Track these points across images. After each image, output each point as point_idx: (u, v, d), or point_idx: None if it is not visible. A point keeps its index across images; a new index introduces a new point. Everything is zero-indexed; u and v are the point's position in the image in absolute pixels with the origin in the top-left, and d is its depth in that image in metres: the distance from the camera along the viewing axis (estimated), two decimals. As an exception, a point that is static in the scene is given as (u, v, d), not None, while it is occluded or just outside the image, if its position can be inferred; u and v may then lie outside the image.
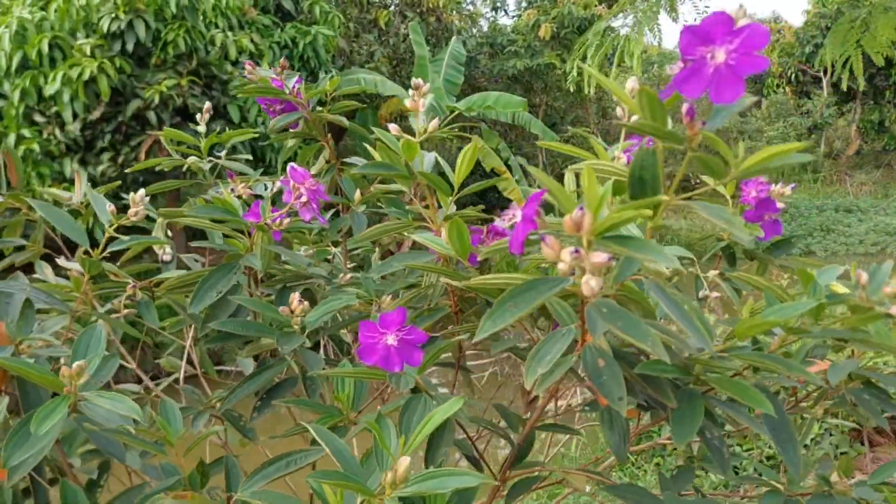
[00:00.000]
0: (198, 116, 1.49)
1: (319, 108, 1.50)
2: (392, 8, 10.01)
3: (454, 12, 10.69)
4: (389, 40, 10.09)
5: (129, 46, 6.52)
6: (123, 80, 6.55)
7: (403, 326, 0.84)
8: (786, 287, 0.99)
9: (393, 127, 1.15)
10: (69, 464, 0.99)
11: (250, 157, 1.65)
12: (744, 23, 0.70)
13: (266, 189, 1.39)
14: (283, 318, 1.04)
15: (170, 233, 1.42)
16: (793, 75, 15.96)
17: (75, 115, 6.49)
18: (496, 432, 1.09)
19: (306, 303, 1.05)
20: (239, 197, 1.31)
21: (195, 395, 1.26)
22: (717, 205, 0.80)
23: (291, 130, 1.49)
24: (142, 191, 1.06)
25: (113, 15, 6.45)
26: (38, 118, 6.70)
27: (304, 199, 1.05)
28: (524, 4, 12.15)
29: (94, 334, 0.90)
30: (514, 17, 12.18)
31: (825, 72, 15.00)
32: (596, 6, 11.02)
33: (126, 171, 2.01)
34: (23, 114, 6.65)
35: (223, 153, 1.53)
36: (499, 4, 12.58)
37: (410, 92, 1.15)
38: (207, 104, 1.50)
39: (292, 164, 1.07)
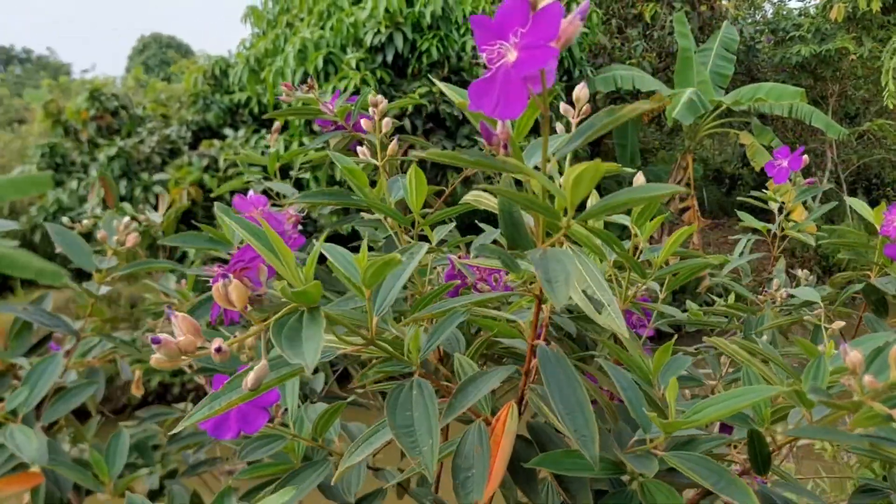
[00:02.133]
0: (267, 137, 1.53)
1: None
2: (659, 0, 9.52)
3: (730, -1, 9.87)
4: (654, 34, 9.61)
5: (389, 58, 7.02)
6: (384, 89, 7.07)
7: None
8: None
9: (360, 150, 1.07)
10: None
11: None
12: (544, 4, 0.53)
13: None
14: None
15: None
16: None
17: (343, 124, 7.15)
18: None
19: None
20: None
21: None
22: (565, 254, 0.62)
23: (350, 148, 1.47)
24: (126, 218, 1.11)
25: (376, 30, 6.99)
26: (316, 128, 7.51)
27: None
28: (819, -17, 10.80)
29: (50, 366, 0.95)
30: (803, -2, 10.88)
31: None
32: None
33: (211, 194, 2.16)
34: (303, 123, 7.49)
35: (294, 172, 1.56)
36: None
37: (371, 111, 1.07)
38: (277, 123, 1.54)
39: (240, 193, 1.05)
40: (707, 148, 12.93)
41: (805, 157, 1.47)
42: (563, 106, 0.81)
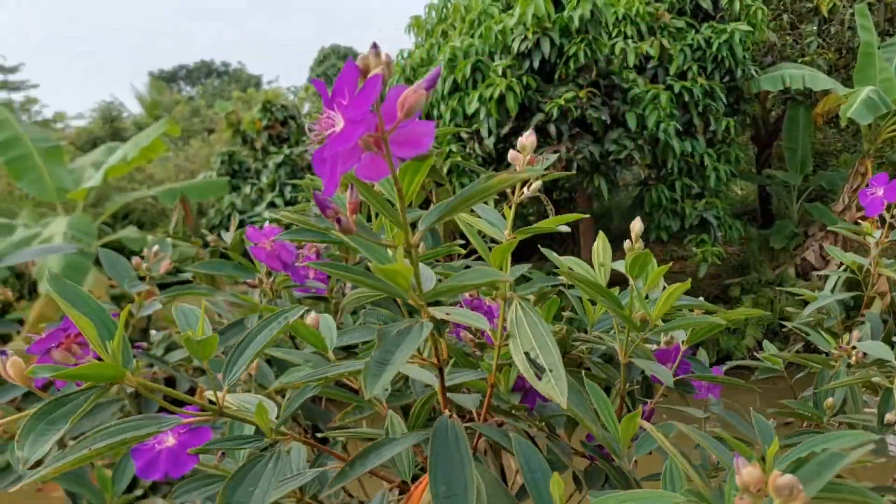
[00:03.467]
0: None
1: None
2: (839, -9, 8.73)
3: (926, -15, 8.82)
4: (831, 29, 8.83)
5: (535, 64, 6.99)
6: (530, 95, 7.05)
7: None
8: None
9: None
10: None
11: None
12: (375, 73, 0.52)
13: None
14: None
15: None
16: None
17: (490, 131, 7.21)
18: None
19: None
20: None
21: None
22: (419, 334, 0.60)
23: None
24: (156, 246, 1.19)
25: (523, 36, 6.98)
26: (463, 135, 7.64)
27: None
28: None
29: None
30: None
31: None
32: None
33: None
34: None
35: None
36: None
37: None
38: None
39: (253, 225, 1.10)
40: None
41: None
42: (511, 153, 0.78)
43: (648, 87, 7.26)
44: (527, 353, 0.68)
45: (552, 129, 6.89)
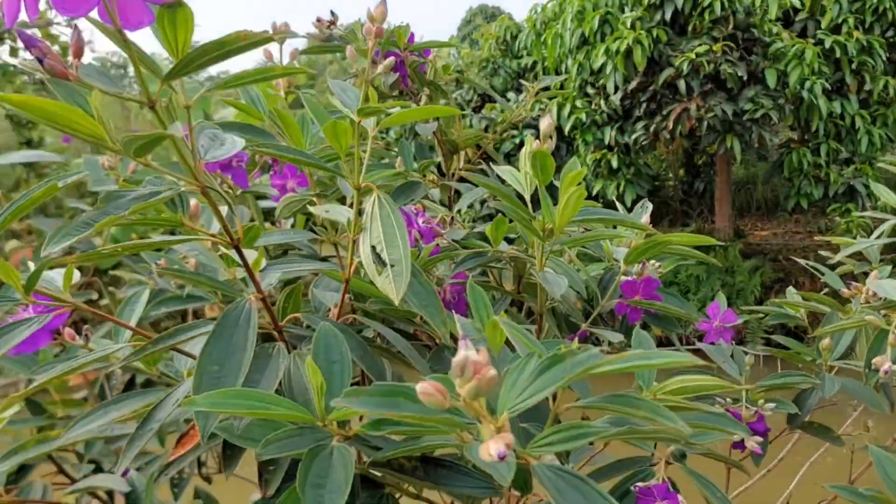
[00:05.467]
0: (545, 101, 1.57)
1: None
2: None
3: None
4: None
5: (667, 15, 6.62)
6: (660, 48, 6.70)
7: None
8: None
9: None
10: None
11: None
12: None
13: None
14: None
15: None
16: None
17: (616, 87, 6.95)
18: None
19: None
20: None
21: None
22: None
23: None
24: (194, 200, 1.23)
25: (656, -14, 6.64)
26: (589, 90, 7.41)
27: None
28: None
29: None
30: None
31: None
32: None
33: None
34: (578, 86, 7.44)
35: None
36: None
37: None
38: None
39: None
40: None
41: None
42: (365, 27, 0.73)
43: (794, 41, 6.69)
44: (373, 247, 0.66)
45: (682, 84, 6.53)
